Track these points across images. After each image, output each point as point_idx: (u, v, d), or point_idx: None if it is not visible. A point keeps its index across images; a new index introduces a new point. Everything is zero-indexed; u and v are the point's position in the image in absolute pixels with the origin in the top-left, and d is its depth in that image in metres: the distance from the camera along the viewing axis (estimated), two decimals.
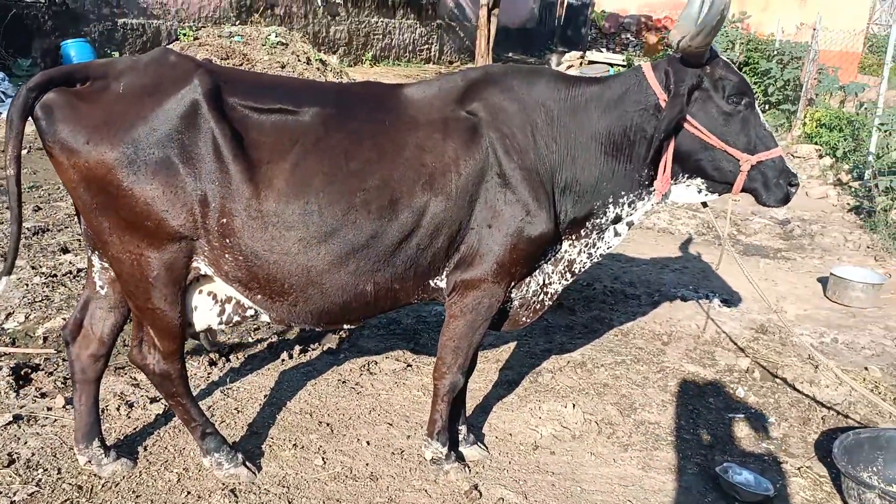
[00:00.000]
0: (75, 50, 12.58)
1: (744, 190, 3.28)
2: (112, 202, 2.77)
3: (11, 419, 3.55)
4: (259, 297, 3.02)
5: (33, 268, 5.34)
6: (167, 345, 3.07)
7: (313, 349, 4.66)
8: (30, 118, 2.74)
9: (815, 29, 13.82)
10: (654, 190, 3.33)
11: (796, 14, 20.41)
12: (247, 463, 3.39)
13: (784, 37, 17.20)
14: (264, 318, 3.17)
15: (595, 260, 3.56)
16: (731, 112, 3.16)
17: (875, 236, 8.17)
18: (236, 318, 3.17)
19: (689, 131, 3.18)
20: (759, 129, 3.23)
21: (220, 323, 3.16)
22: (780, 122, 14.56)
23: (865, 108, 12.13)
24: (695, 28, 2.92)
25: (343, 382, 4.30)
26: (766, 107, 15.94)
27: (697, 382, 4.65)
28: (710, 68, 3.15)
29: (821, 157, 11.72)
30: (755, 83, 16.68)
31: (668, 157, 3.21)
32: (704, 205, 3.60)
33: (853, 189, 10.12)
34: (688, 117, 3.16)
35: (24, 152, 8.23)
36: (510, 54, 24.35)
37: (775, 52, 15.76)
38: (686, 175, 3.35)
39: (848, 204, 9.56)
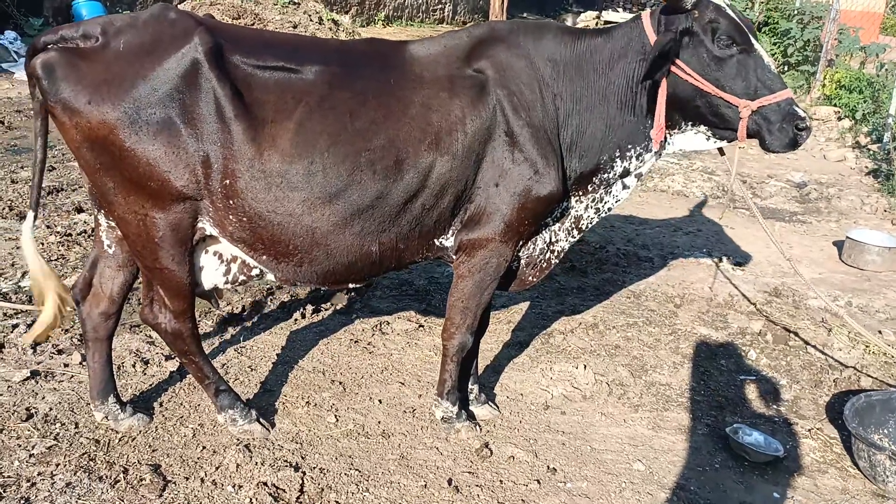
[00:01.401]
0: (87, 8, 12.49)
1: (749, 136, 3.15)
2: (115, 162, 2.77)
3: (29, 375, 3.60)
4: (264, 257, 3.03)
5: (48, 227, 5.37)
6: (177, 304, 3.09)
7: (325, 309, 4.69)
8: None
9: None
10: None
11: None
12: (260, 419, 3.43)
13: None
14: (270, 277, 3.18)
15: (603, 215, 3.51)
16: (724, 56, 3.04)
17: (892, 199, 8.06)
18: (242, 278, 3.18)
19: (682, 77, 3.08)
20: (761, 71, 3.07)
21: (226, 282, 3.18)
22: (798, 83, 14.30)
23: (886, 70, 11.91)
24: None
25: (355, 342, 4.32)
26: (786, 68, 15.66)
27: (709, 344, 4.65)
28: (698, 12, 3.04)
29: (840, 119, 11.52)
30: (774, 44, 16.36)
31: (660, 104, 3.13)
32: (721, 152, 3.48)
33: (872, 152, 9.97)
34: (680, 63, 3.06)
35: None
36: (525, 14, 23.97)
37: (795, 12, 15.41)
38: (689, 123, 3.25)
39: (866, 167, 9.43)
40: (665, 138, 3.28)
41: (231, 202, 2.85)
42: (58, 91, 2.70)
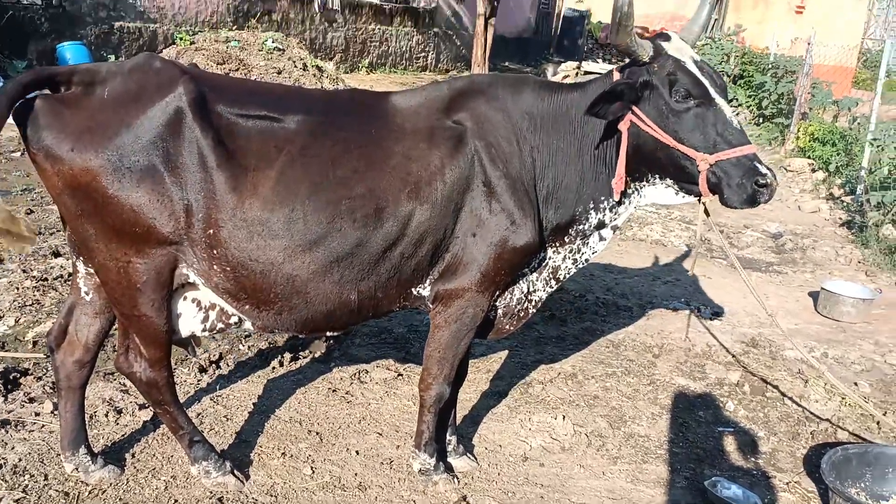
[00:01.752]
0: (71, 53, 12.56)
1: (711, 190, 3.10)
2: (97, 209, 2.77)
3: None
4: (246, 306, 3.02)
5: (24, 271, 5.31)
6: (153, 352, 3.06)
7: (304, 357, 4.65)
8: (10, 121, 2.73)
9: (809, 43, 13.91)
10: (630, 190, 3.30)
11: (791, 28, 20.55)
12: (235, 472, 3.38)
13: (779, 50, 17.31)
14: (247, 325, 3.16)
15: (580, 266, 3.53)
16: (681, 109, 3.04)
17: (866, 251, 8.20)
18: (220, 326, 3.16)
19: (643, 129, 3.10)
20: (721, 126, 3.03)
21: (204, 330, 3.16)
22: (773, 135, 14.64)
23: (858, 123, 12.19)
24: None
25: (333, 391, 4.29)
26: (760, 120, 16.01)
27: (688, 395, 4.66)
28: (657, 65, 3.08)
29: (813, 171, 11.78)
30: (749, 96, 16.75)
31: (621, 154, 3.16)
32: (707, 213, 3.36)
33: (845, 203, 10.17)
34: (640, 114, 3.09)
35: (17, 154, 8.24)
36: (506, 63, 24.40)
37: (770, 66, 15.84)
38: (655, 175, 3.25)
39: (840, 218, 9.60)
40: (633, 190, 3.31)
41: (215, 252, 2.86)
42: (40, 138, 2.71)
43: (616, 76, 3.21)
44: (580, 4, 27.78)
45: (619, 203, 3.33)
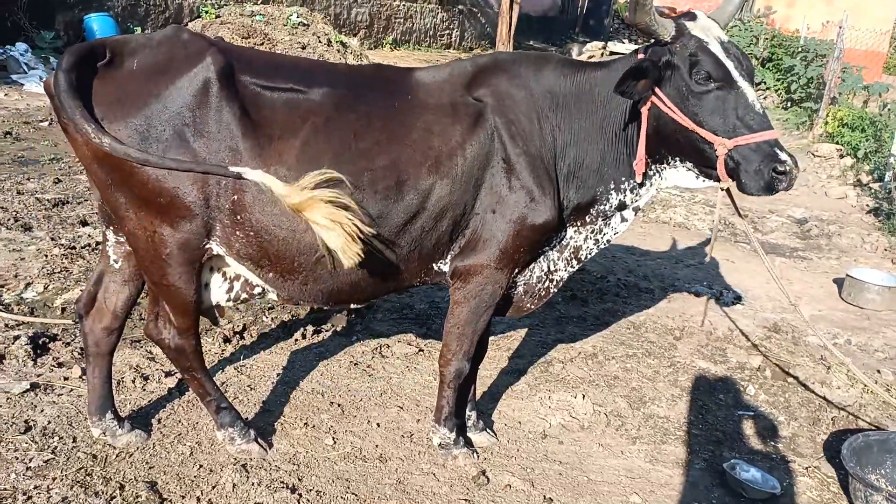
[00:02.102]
0: (98, 24, 12.63)
1: (730, 175, 3.03)
2: (126, 179, 2.80)
3: (29, 387, 3.60)
4: (269, 274, 3.05)
5: (52, 239, 5.39)
6: (182, 320, 3.11)
7: (326, 330, 4.70)
8: (47, 94, 2.78)
9: (840, 27, 13.65)
10: (651, 172, 3.28)
11: (823, 11, 20.18)
12: (259, 440, 3.43)
13: (809, 34, 17.01)
14: (271, 296, 3.19)
15: (602, 246, 3.52)
16: (701, 91, 2.98)
17: (893, 239, 8.10)
18: (244, 296, 3.20)
19: (663, 110, 3.06)
20: (742, 110, 2.97)
21: (229, 300, 3.19)
22: (801, 119, 14.43)
23: (889, 109, 12.01)
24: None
25: (355, 364, 4.33)
26: (789, 104, 15.79)
27: (708, 378, 4.66)
28: (679, 45, 3.02)
29: (841, 156, 11.61)
30: (778, 80, 16.50)
31: (641, 135, 3.14)
32: (730, 196, 3.29)
33: (873, 190, 10.03)
34: (661, 95, 3.04)
35: (45, 124, 8.33)
36: (531, 42, 24.21)
37: (800, 49, 15.58)
38: (675, 158, 3.20)
39: (867, 205, 9.48)
40: (654, 172, 3.28)
41: (238, 217, 2.88)
42: (72, 108, 2.74)
43: (640, 56, 3.18)
44: None
45: (641, 185, 3.32)
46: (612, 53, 21.67)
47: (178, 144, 2.78)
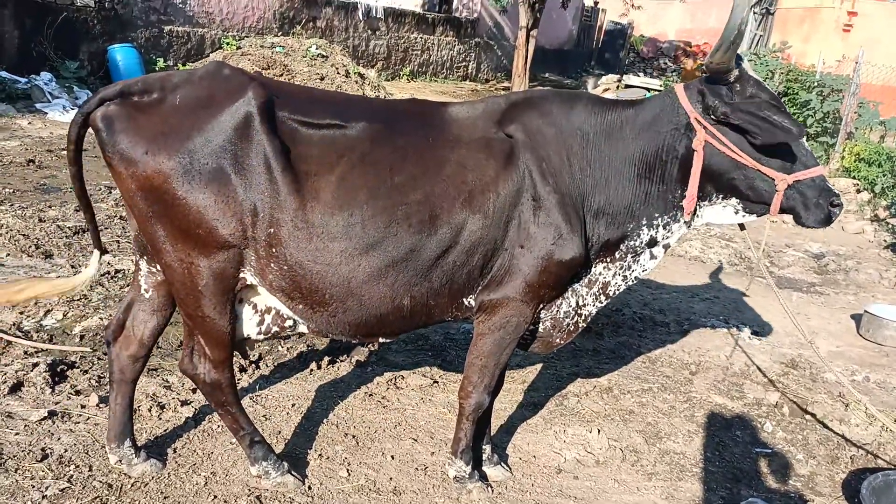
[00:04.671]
0: (122, 55, 12.87)
1: (782, 210, 3.22)
2: (167, 210, 2.85)
3: (46, 415, 3.62)
4: (301, 306, 3.07)
5: (72, 266, 5.45)
6: (217, 353, 3.13)
7: (342, 361, 4.70)
8: (89, 129, 2.87)
9: (857, 62, 13.68)
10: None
11: (838, 46, 20.23)
12: (292, 471, 3.43)
13: (825, 69, 17.04)
14: (301, 328, 3.21)
15: (630, 283, 3.55)
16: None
17: None
18: (275, 329, 3.22)
19: (719, 150, 3.16)
20: (796, 147, 3.17)
21: (259, 333, 3.21)
22: (818, 154, 14.39)
23: None
24: (716, 43, 2.97)
25: (370, 395, 4.33)
26: (805, 139, 15.74)
27: (725, 414, 4.62)
28: (740, 86, 3.14)
29: (858, 191, 11.57)
30: (794, 114, 16.47)
31: (695, 174, 3.20)
32: (742, 227, 3.52)
33: (890, 226, 9.98)
34: (718, 134, 3.14)
35: None
36: (547, 75, 24.41)
37: (815, 84, 15.59)
38: (720, 196, 3.31)
39: (884, 241, 9.43)
40: (696, 208, 3.32)
41: (274, 250, 2.92)
42: (116, 142, 2.81)
43: (681, 93, 3.24)
44: (623, 18, 27.68)
45: (675, 220, 3.35)
46: (627, 86, 21.81)
47: (220, 177, 2.83)
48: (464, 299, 3.26)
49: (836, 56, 18.30)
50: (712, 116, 3.15)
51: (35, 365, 4.03)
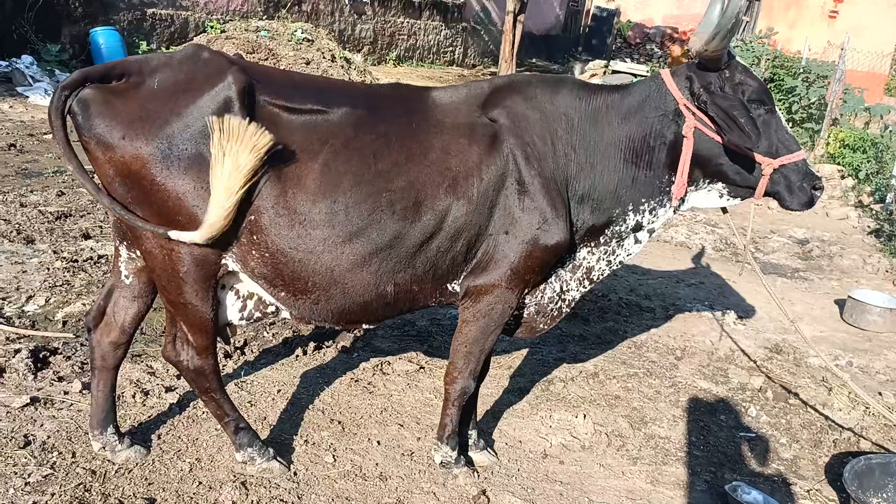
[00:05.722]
0: (104, 38, 12.70)
1: (767, 194, 3.28)
2: (146, 196, 2.81)
3: (29, 401, 3.59)
4: (283, 294, 3.05)
5: (55, 252, 5.40)
6: (200, 340, 3.10)
7: (327, 346, 4.69)
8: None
9: (842, 49, 13.73)
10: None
11: (824, 33, 20.31)
12: (278, 457, 3.42)
13: (811, 55, 17.09)
14: (284, 314, 3.19)
15: (614, 267, 3.55)
16: (752, 116, 3.14)
17: (894, 260, 8.10)
18: (257, 315, 3.20)
19: (708, 135, 3.19)
20: (781, 132, 3.24)
21: (241, 319, 3.19)
22: (803, 140, 14.46)
23: (890, 131, 12.04)
24: (710, 32, 2.95)
25: (356, 381, 4.32)
26: (790, 124, 15.81)
27: (709, 399, 4.64)
28: (728, 73, 3.17)
29: (843, 177, 11.64)
30: (779, 101, 16.53)
31: (685, 160, 3.22)
32: (724, 210, 3.57)
33: (874, 212, 10.05)
34: (706, 120, 3.17)
35: (49, 136, 8.35)
36: (534, 60, 24.34)
37: (801, 70, 15.64)
38: (707, 180, 3.36)
39: (868, 226, 9.49)
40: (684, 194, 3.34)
41: (255, 238, 2.89)
42: (92, 126, 2.75)
43: (668, 78, 3.24)
44: (610, 3, 27.61)
45: (661, 205, 3.35)
46: (614, 72, 21.78)
47: (198, 163, 2.78)
48: (448, 285, 3.25)
49: (821, 42, 18.37)
50: (696, 103, 3.17)
51: (17, 351, 3.99)
